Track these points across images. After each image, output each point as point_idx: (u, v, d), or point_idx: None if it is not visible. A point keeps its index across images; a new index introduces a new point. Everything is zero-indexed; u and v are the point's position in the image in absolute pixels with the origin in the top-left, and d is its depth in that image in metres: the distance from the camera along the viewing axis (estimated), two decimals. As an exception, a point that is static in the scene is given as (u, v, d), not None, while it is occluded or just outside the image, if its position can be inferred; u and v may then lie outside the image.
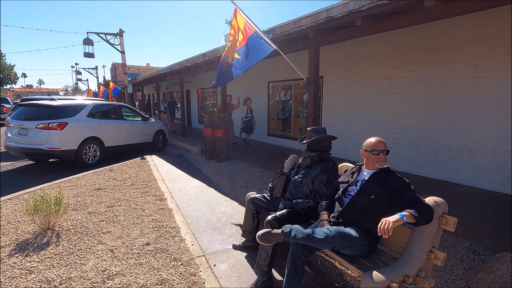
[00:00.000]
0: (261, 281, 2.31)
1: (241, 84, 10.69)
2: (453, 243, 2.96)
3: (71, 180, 5.34)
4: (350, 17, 3.53)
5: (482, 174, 4.56)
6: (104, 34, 14.66)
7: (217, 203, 4.30)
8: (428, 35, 4.99)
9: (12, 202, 4.17)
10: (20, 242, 2.98)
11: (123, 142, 7.90)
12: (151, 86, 19.94)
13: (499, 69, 4.25)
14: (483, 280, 2.27)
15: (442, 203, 1.87)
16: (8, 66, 34.56)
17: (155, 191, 4.77)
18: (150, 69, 30.10)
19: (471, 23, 4.44)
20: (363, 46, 6.08)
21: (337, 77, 6.81)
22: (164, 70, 11.30)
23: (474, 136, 4.60)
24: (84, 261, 2.67)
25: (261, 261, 2.34)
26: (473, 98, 4.57)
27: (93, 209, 3.92)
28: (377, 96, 5.96)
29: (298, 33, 4.34)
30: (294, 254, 1.93)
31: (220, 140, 6.95)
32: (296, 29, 4.30)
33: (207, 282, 2.40)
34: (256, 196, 2.90)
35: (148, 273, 2.49)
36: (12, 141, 6.45)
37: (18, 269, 2.51)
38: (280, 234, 1.99)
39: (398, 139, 5.67)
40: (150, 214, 3.79)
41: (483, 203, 3.99)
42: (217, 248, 2.97)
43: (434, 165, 5.15)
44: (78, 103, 7.17)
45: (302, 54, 5.23)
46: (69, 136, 6.45)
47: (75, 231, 3.25)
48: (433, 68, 5.01)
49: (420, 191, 2.03)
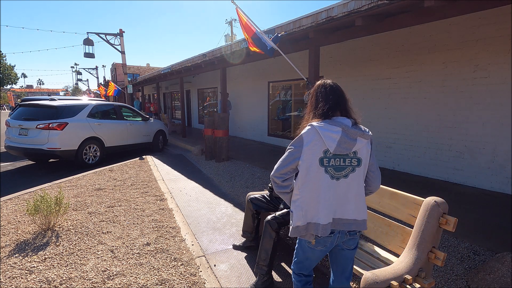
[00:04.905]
0: (261, 281, 2.31)
1: (241, 84, 10.70)
2: (454, 243, 2.96)
3: (71, 180, 5.34)
4: (350, 17, 3.53)
5: (482, 174, 4.56)
6: (104, 34, 14.68)
7: (217, 203, 4.30)
8: (428, 35, 4.99)
9: (12, 202, 4.17)
10: (20, 242, 2.98)
11: (123, 142, 7.91)
12: (151, 86, 19.95)
13: (499, 69, 4.25)
14: (484, 280, 2.27)
15: (442, 203, 1.87)
16: (8, 66, 34.58)
17: (155, 191, 4.77)
18: (150, 69, 30.10)
19: (471, 23, 4.44)
20: (363, 46, 6.08)
21: (337, 77, 6.80)
22: (164, 70, 11.30)
23: (474, 136, 4.60)
24: (85, 261, 2.67)
25: (261, 261, 2.34)
26: (473, 98, 4.57)
27: (93, 209, 3.92)
28: (377, 96, 5.97)
29: (298, 33, 4.34)
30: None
31: (220, 140, 6.95)
32: (296, 29, 4.31)
33: (207, 282, 2.40)
34: (256, 196, 2.90)
35: (149, 273, 2.49)
36: (12, 141, 6.46)
37: (18, 269, 2.52)
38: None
39: (398, 139, 5.66)
40: (151, 214, 3.79)
41: (483, 203, 3.99)
42: (217, 248, 2.97)
43: (434, 165, 5.15)
44: (78, 103, 7.17)
45: (302, 54, 5.23)
46: (69, 136, 6.45)
47: (75, 231, 3.25)
48: (433, 68, 5.01)
49: (420, 191, 2.03)
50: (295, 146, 1.52)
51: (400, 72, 5.51)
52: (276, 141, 9.13)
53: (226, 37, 24.40)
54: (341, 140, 1.45)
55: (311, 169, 1.48)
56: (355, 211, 1.54)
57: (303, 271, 1.73)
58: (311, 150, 1.47)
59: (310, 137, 1.48)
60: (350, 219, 1.54)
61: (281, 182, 1.56)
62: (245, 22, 4.29)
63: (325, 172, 1.49)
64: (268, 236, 2.35)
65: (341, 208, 1.53)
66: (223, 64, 7.45)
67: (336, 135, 1.45)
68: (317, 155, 1.47)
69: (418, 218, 1.92)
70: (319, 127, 1.47)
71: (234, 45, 6.17)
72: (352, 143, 1.47)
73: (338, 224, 1.53)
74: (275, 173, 1.56)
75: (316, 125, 1.48)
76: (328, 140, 1.45)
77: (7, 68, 34.01)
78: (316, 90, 1.64)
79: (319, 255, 1.64)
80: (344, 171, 1.51)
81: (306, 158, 1.48)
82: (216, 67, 7.81)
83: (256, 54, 5.29)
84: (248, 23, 4.26)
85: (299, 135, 1.54)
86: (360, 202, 1.56)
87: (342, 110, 1.58)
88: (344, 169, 1.50)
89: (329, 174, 1.49)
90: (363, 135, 1.51)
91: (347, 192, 1.52)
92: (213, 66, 7.97)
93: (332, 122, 1.50)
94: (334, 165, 1.49)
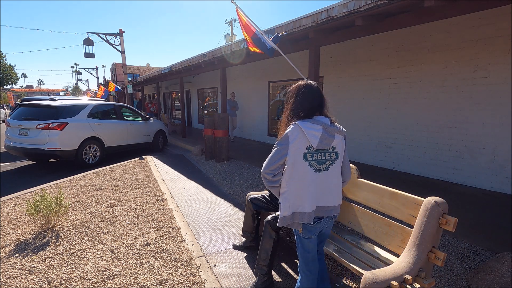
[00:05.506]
0: (261, 281, 2.32)
1: (242, 84, 10.70)
2: (454, 243, 2.96)
3: (71, 180, 5.34)
4: (350, 17, 3.53)
5: (482, 174, 4.56)
6: (104, 35, 14.68)
7: (217, 203, 4.30)
8: (428, 35, 4.99)
9: (12, 202, 4.17)
10: (20, 242, 2.98)
11: (123, 142, 7.91)
12: (151, 86, 19.96)
13: (499, 69, 4.25)
14: (484, 280, 2.27)
15: (442, 203, 1.87)
16: (8, 66, 34.56)
17: (155, 191, 4.77)
18: (150, 69, 30.09)
19: (471, 23, 4.44)
20: (363, 46, 6.08)
21: (337, 77, 6.81)
22: (164, 70, 11.31)
23: (474, 136, 4.60)
24: (85, 261, 2.67)
25: (261, 261, 2.34)
26: (473, 98, 4.57)
27: (93, 209, 3.92)
28: (377, 96, 5.97)
29: (298, 33, 4.34)
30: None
31: (220, 140, 6.95)
32: (296, 29, 4.31)
33: (207, 282, 2.40)
34: (256, 196, 2.90)
35: (149, 273, 2.49)
36: (12, 141, 6.46)
37: (18, 269, 2.52)
38: None
39: (398, 139, 5.67)
40: (151, 214, 3.79)
41: (483, 203, 3.99)
42: (217, 248, 2.97)
43: (434, 165, 5.15)
44: (78, 103, 7.17)
45: (302, 54, 5.23)
46: (69, 136, 6.46)
47: (76, 231, 3.25)
48: (433, 68, 5.01)
49: (420, 191, 2.04)
50: (281, 144, 1.67)
51: (400, 72, 5.51)
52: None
53: (226, 37, 24.40)
54: (322, 136, 1.63)
55: (296, 164, 1.65)
56: (335, 198, 1.76)
57: (310, 265, 1.84)
58: (296, 146, 1.64)
59: (295, 135, 1.64)
60: (331, 206, 1.75)
61: (271, 177, 1.71)
62: (245, 22, 4.29)
63: (309, 165, 1.66)
64: (268, 236, 2.35)
65: (323, 197, 1.72)
66: (223, 64, 7.45)
67: (318, 132, 1.63)
68: (301, 151, 1.64)
69: (418, 218, 1.91)
70: (303, 126, 1.63)
71: (234, 45, 6.17)
72: (331, 139, 1.67)
73: (321, 211, 1.73)
74: (265, 170, 1.71)
75: (300, 123, 1.65)
76: (311, 137, 1.63)
77: (7, 68, 33.99)
78: (298, 91, 1.77)
79: (314, 243, 1.83)
80: (325, 164, 1.70)
81: (292, 154, 1.65)
82: (216, 67, 7.81)
83: (256, 54, 5.29)
84: (248, 23, 4.26)
85: (284, 133, 1.68)
86: (339, 190, 1.79)
87: (321, 110, 1.75)
88: (325, 162, 1.70)
89: (312, 168, 1.67)
90: (339, 132, 1.72)
91: (329, 183, 1.72)
92: (213, 66, 7.97)
93: (314, 121, 1.67)
94: (317, 159, 1.67)
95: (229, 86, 9.37)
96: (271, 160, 1.68)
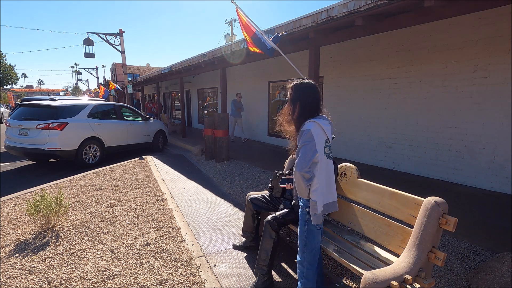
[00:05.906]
0: (261, 281, 2.32)
1: (242, 84, 10.70)
2: (454, 243, 2.96)
3: (71, 180, 5.34)
4: (350, 17, 3.53)
5: (482, 174, 4.56)
6: (104, 34, 14.68)
7: (217, 203, 4.30)
8: (428, 35, 4.99)
9: (12, 202, 4.17)
10: (20, 242, 2.98)
11: (123, 142, 7.91)
12: (151, 86, 19.96)
13: (499, 69, 4.25)
14: (484, 280, 2.27)
15: (442, 203, 1.87)
16: (8, 66, 34.52)
17: (155, 191, 4.77)
18: (151, 69, 30.10)
19: (471, 23, 4.44)
20: (363, 46, 6.08)
21: (337, 77, 6.81)
22: (164, 70, 11.31)
23: (474, 136, 4.60)
24: (85, 261, 2.67)
25: (261, 261, 2.34)
26: (473, 98, 4.57)
27: (93, 209, 3.92)
28: (377, 96, 5.97)
29: (298, 33, 4.34)
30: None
31: (220, 140, 6.95)
32: (296, 29, 4.31)
33: (207, 282, 2.40)
34: (256, 196, 2.90)
35: (149, 273, 2.50)
36: (12, 141, 6.46)
37: (18, 269, 2.52)
38: None
39: (398, 139, 5.67)
40: (151, 214, 3.79)
41: (483, 203, 3.99)
42: (217, 248, 2.97)
43: (434, 165, 5.15)
44: (78, 103, 7.17)
45: (302, 54, 5.23)
46: (69, 136, 6.46)
47: (76, 231, 3.25)
48: (433, 68, 5.01)
49: (420, 191, 2.04)
50: (309, 141, 1.77)
51: (400, 72, 5.51)
52: (276, 141, 9.13)
53: (226, 37, 24.39)
54: (331, 130, 1.88)
55: (320, 158, 1.80)
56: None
57: (316, 257, 1.94)
58: (319, 142, 1.79)
59: (317, 131, 1.77)
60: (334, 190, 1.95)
61: (309, 175, 1.80)
62: (245, 22, 4.29)
63: (327, 158, 1.85)
64: (268, 236, 2.35)
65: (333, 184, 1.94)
66: (223, 64, 7.45)
67: (329, 127, 1.86)
68: (322, 145, 1.80)
69: (418, 218, 1.91)
70: (320, 122, 1.80)
71: (234, 45, 6.17)
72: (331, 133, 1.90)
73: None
74: (303, 169, 1.78)
75: (317, 120, 1.80)
76: (328, 132, 1.83)
77: (7, 68, 33.95)
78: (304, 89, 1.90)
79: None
80: (331, 155, 1.91)
81: (318, 150, 1.79)
82: (216, 67, 7.81)
83: (256, 54, 5.29)
84: (248, 23, 4.26)
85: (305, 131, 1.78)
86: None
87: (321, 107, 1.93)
88: (331, 153, 1.91)
89: (329, 159, 1.87)
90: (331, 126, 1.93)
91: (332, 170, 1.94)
92: (213, 66, 7.97)
93: (322, 117, 1.86)
94: (328, 152, 1.87)
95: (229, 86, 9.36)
96: (305, 158, 1.76)
